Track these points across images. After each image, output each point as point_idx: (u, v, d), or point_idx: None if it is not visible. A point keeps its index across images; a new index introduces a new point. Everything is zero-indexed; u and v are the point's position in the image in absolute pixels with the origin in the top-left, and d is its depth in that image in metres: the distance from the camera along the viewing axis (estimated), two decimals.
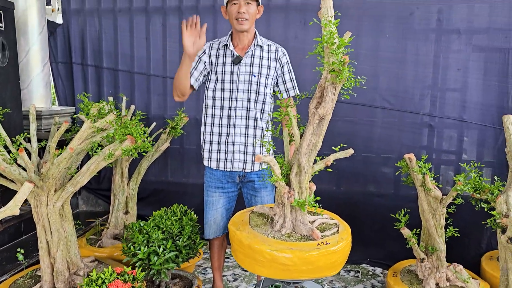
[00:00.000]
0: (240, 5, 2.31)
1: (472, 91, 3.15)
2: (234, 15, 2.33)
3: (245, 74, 2.39)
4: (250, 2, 2.33)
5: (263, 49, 2.44)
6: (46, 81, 3.68)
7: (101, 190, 3.92)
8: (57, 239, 2.32)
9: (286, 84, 2.49)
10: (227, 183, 2.52)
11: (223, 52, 2.44)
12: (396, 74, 3.25)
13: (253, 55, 2.41)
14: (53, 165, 2.17)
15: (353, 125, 3.37)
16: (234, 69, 2.40)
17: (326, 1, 1.66)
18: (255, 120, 2.42)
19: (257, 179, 2.48)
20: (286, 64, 2.48)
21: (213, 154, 2.47)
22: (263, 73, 2.41)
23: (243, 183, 2.54)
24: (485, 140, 3.19)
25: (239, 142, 2.43)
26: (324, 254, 1.78)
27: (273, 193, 2.55)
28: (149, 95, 3.71)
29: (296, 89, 2.52)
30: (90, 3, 3.73)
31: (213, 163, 2.48)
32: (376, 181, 3.41)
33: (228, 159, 2.45)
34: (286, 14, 3.39)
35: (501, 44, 3.05)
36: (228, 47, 2.43)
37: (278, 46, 2.49)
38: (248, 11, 2.33)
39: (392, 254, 3.28)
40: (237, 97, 2.40)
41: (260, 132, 2.45)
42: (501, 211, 2.09)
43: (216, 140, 2.46)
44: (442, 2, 3.11)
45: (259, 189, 2.49)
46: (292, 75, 2.51)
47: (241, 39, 2.42)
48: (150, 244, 2.31)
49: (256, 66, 2.40)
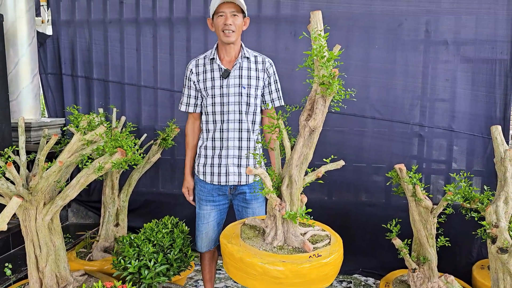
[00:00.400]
0: (226, 17, 2.32)
1: (460, 101, 3.19)
2: (220, 27, 2.34)
3: (235, 87, 2.39)
4: (236, 14, 2.34)
5: (250, 61, 2.44)
6: (35, 92, 3.65)
7: (91, 202, 3.88)
8: (46, 253, 2.29)
9: (272, 94, 2.50)
10: (218, 196, 2.51)
11: (210, 67, 2.43)
12: (386, 85, 3.28)
13: (241, 67, 2.41)
14: (42, 178, 2.14)
15: (343, 135, 3.39)
16: (223, 82, 2.40)
17: (316, 14, 1.68)
18: (248, 132, 2.42)
19: (248, 191, 2.47)
20: (273, 75, 2.49)
21: (207, 168, 2.46)
22: (252, 84, 2.42)
23: (234, 196, 2.53)
24: (474, 149, 3.23)
25: (233, 155, 2.42)
26: (316, 266, 1.78)
27: (264, 205, 2.55)
28: (140, 106, 3.71)
29: (281, 99, 2.53)
30: (80, 14, 3.72)
31: (207, 177, 2.47)
32: (367, 191, 3.42)
33: (222, 173, 2.44)
34: (276, 26, 3.42)
35: (488, 55, 3.10)
36: (214, 61, 2.43)
37: (264, 57, 2.50)
38: (234, 23, 2.33)
39: (385, 264, 3.28)
40: (229, 110, 2.40)
41: (253, 144, 2.45)
42: (491, 221, 2.10)
43: (210, 154, 2.46)
44: (430, 14, 3.16)
45: (250, 201, 2.48)
46: (278, 85, 2.52)
47: (228, 51, 2.42)
48: (140, 257, 2.29)
49: (245, 78, 2.41)
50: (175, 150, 3.66)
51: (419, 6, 3.16)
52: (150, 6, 3.58)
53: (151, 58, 3.65)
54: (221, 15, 2.33)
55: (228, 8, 2.32)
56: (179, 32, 3.55)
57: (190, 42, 3.54)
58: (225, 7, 2.32)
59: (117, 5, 3.64)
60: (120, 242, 2.46)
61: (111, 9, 3.66)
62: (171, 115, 3.59)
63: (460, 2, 3.11)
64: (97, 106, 3.74)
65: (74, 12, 3.74)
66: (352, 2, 3.27)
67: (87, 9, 3.71)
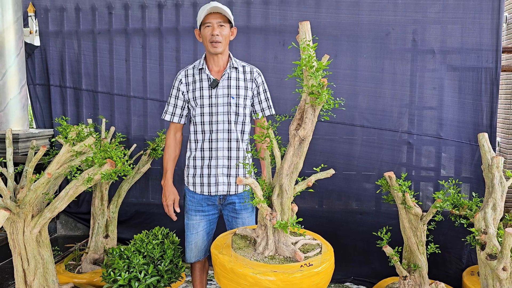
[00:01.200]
0: (213, 28, 2.33)
1: (448, 109, 3.23)
2: (208, 38, 2.35)
3: (224, 97, 2.39)
4: (223, 25, 2.35)
5: (238, 71, 2.45)
6: (23, 103, 3.62)
7: (80, 213, 3.84)
8: (34, 266, 2.25)
9: (262, 104, 2.51)
10: (207, 206, 2.50)
11: (199, 77, 2.44)
12: (375, 93, 3.32)
13: (229, 77, 2.42)
14: (30, 190, 2.12)
15: (333, 144, 3.40)
16: (212, 92, 2.40)
17: (304, 25, 1.69)
18: (237, 142, 2.42)
19: (237, 201, 2.47)
20: (261, 84, 2.50)
21: (197, 178, 2.45)
22: (241, 94, 2.42)
23: (223, 206, 2.52)
24: (462, 156, 3.26)
25: (222, 165, 2.42)
26: (307, 275, 1.77)
27: (254, 215, 2.54)
28: (129, 117, 3.69)
29: (272, 108, 2.54)
30: (69, 25, 3.71)
31: (197, 188, 2.46)
32: (357, 199, 3.44)
33: (212, 183, 2.43)
34: (265, 35, 3.45)
35: (473, 63, 3.16)
36: (203, 71, 2.43)
37: (252, 67, 2.51)
38: (221, 33, 2.34)
39: (376, 272, 3.29)
40: (218, 120, 2.40)
41: (243, 153, 2.45)
42: (480, 228, 2.12)
43: (199, 164, 2.45)
44: (417, 23, 3.22)
45: (240, 210, 2.48)
46: (268, 94, 2.53)
47: (216, 61, 2.43)
48: (131, 269, 2.26)
49: (233, 88, 2.41)
50: None
51: (406, 15, 3.22)
52: (139, 17, 3.59)
53: (141, 68, 3.65)
54: (208, 25, 2.34)
55: (215, 19, 2.33)
56: (168, 42, 3.56)
57: (179, 52, 3.55)
58: (211, 17, 2.33)
59: (105, 15, 3.64)
60: (110, 254, 2.43)
61: (99, 19, 3.66)
62: (161, 125, 3.58)
63: (446, 11, 3.17)
64: (86, 116, 3.72)
65: (63, 22, 3.73)
66: (340, 12, 3.31)
67: (75, 19, 3.70)
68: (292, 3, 3.39)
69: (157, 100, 3.62)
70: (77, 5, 3.68)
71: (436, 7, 3.18)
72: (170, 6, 3.54)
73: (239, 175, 2.43)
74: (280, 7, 3.40)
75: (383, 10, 3.25)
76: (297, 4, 3.38)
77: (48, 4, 3.72)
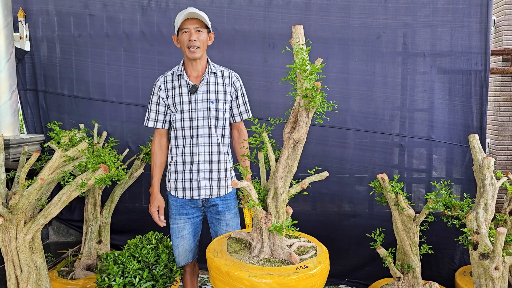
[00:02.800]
0: (190, 33, 2.35)
1: (439, 111, 3.26)
2: (185, 43, 2.36)
3: (203, 102, 2.41)
4: (200, 30, 2.37)
5: (217, 75, 2.47)
6: (14, 108, 3.59)
7: (72, 220, 3.81)
8: (27, 273, 2.23)
9: (240, 107, 2.53)
10: (191, 209, 2.50)
11: (178, 82, 2.45)
12: (366, 96, 3.33)
13: (208, 82, 2.44)
14: (23, 196, 2.10)
15: (325, 147, 3.41)
16: (191, 98, 2.42)
17: (297, 29, 1.71)
18: (218, 146, 2.44)
19: (220, 203, 2.48)
20: (240, 89, 2.52)
21: (179, 183, 2.46)
22: (220, 99, 2.45)
23: (206, 208, 2.52)
24: (453, 157, 3.30)
25: (204, 169, 2.43)
26: (303, 278, 1.78)
27: (238, 216, 2.55)
28: (122, 122, 3.66)
29: (249, 112, 2.56)
30: (61, 29, 3.68)
31: (179, 193, 2.46)
32: (350, 201, 3.45)
33: (194, 187, 2.44)
34: (254, 38, 3.40)
35: (463, 66, 3.20)
36: (182, 77, 2.45)
37: (231, 71, 2.53)
38: (199, 39, 2.36)
39: (370, 273, 3.31)
40: (198, 125, 2.41)
41: (223, 157, 2.46)
42: (472, 228, 2.15)
43: (181, 169, 2.45)
44: (407, 27, 3.24)
45: (223, 212, 2.49)
46: (246, 99, 2.55)
47: (194, 66, 2.45)
48: (125, 274, 2.25)
49: (212, 92, 2.43)
50: None
51: (396, 19, 3.24)
52: (134, 21, 3.56)
53: (137, 74, 3.62)
54: (186, 31, 2.36)
55: (192, 24, 2.35)
56: (166, 47, 3.51)
57: (171, 56, 3.52)
58: (189, 23, 2.35)
59: (101, 20, 3.61)
60: (104, 259, 2.42)
61: (92, 24, 3.63)
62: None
63: (435, 15, 3.20)
64: (77, 122, 3.68)
65: (54, 28, 3.70)
66: (330, 15, 3.31)
67: (67, 24, 3.67)
68: (281, 5, 3.35)
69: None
70: (68, 10, 3.65)
71: (425, 11, 3.21)
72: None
73: (221, 178, 2.45)
74: (268, 9, 3.37)
75: (373, 13, 3.26)
76: (286, 6, 3.35)
77: (38, 9, 3.69)
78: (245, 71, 3.33)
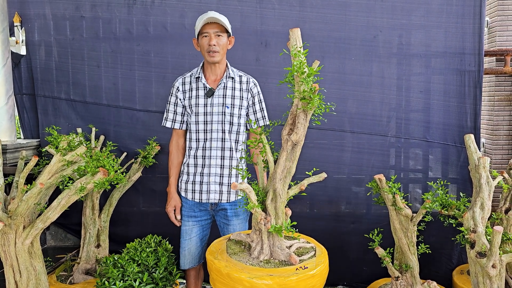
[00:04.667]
0: (210, 38, 2.36)
1: (434, 112, 3.29)
2: (205, 47, 2.38)
3: (219, 106, 2.42)
4: (220, 34, 2.38)
5: (235, 81, 2.48)
6: (10, 113, 3.58)
7: (71, 224, 3.80)
8: (27, 278, 2.23)
9: (257, 114, 2.54)
10: (200, 212, 2.51)
11: (196, 85, 2.47)
12: (363, 97, 3.34)
13: (225, 87, 2.45)
14: (22, 201, 2.10)
15: (321, 149, 3.42)
16: (207, 101, 2.43)
17: (295, 31, 1.73)
18: (231, 151, 2.45)
19: (229, 208, 2.49)
20: (257, 95, 2.53)
21: (189, 185, 2.47)
22: (236, 104, 2.45)
23: (215, 211, 2.53)
24: (449, 158, 3.33)
25: (215, 173, 2.44)
26: (303, 278, 1.80)
27: (246, 222, 2.56)
28: (119, 126, 3.66)
29: (266, 119, 2.57)
30: (58, 33, 3.68)
31: (189, 194, 2.48)
32: (348, 202, 3.46)
33: (204, 191, 2.45)
34: (245, 36, 3.33)
35: (457, 67, 3.23)
36: (200, 79, 2.46)
37: (249, 77, 2.54)
38: (218, 43, 2.37)
39: (368, 274, 3.33)
40: (212, 128, 2.43)
41: (236, 163, 2.47)
42: (469, 227, 2.17)
43: (193, 171, 2.47)
44: (403, 27, 3.24)
45: (231, 217, 2.50)
46: (263, 105, 2.56)
47: (213, 70, 2.46)
48: (125, 278, 2.26)
49: (229, 97, 2.44)
50: (156, 168, 3.62)
51: (393, 18, 3.23)
52: (130, 24, 3.55)
53: (129, 78, 3.62)
54: (206, 35, 2.37)
55: (212, 29, 2.36)
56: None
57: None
58: (209, 27, 2.36)
59: (97, 23, 3.61)
60: (104, 263, 2.42)
61: (88, 27, 3.63)
62: (151, 133, 3.56)
63: (429, 16, 3.22)
64: (73, 126, 3.68)
65: (50, 32, 3.70)
66: (326, 11, 3.26)
67: (62, 28, 3.67)
68: (273, 1, 3.28)
69: (146, 111, 3.58)
70: (63, 13, 3.65)
71: (420, 11, 3.23)
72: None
73: (231, 184, 2.45)
74: (260, 6, 3.30)
75: (369, 11, 3.24)
76: (279, 3, 3.27)
77: (33, 13, 3.69)
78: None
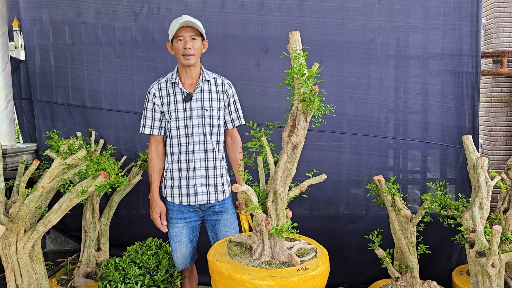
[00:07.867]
0: (185, 41, 2.38)
1: (432, 113, 3.31)
2: (180, 51, 2.40)
3: (198, 109, 2.44)
4: (195, 38, 2.41)
5: (210, 83, 2.51)
6: (10, 118, 3.59)
7: (70, 228, 3.80)
8: (28, 282, 2.24)
9: (232, 114, 2.56)
10: (189, 213, 2.52)
11: (172, 90, 2.48)
12: (361, 99, 3.36)
13: (202, 90, 2.47)
14: (24, 205, 2.11)
15: (320, 151, 3.43)
16: (186, 106, 2.45)
17: (294, 34, 1.74)
18: (213, 152, 2.47)
19: (217, 204, 2.51)
20: (232, 96, 2.56)
21: (175, 190, 2.48)
22: (214, 106, 2.48)
23: (204, 211, 2.55)
24: (447, 159, 3.34)
25: (200, 176, 2.46)
26: (304, 279, 1.80)
27: (235, 218, 2.58)
28: (118, 129, 3.67)
29: (242, 119, 2.59)
30: (57, 38, 3.69)
31: (176, 199, 2.48)
32: (347, 204, 3.48)
33: (191, 193, 2.46)
34: (245, 42, 3.38)
35: (455, 68, 3.25)
36: (176, 84, 2.48)
37: (223, 78, 2.57)
38: (194, 46, 2.39)
39: (369, 275, 3.34)
40: (193, 132, 2.44)
41: (219, 163, 2.49)
42: (468, 227, 2.19)
43: (177, 176, 2.47)
44: (401, 29, 3.27)
45: (220, 212, 2.51)
46: (238, 105, 2.58)
47: (189, 74, 2.48)
48: (127, 280, 2.26)
49: (207, 100, 2.47)
50: None
51: (391, 21, 3.26)
52: (128, 28, 3.58)
53: (128, 81, 3.63)
54: (180, 39, 2.39)
55: (187, 32, 2.38)
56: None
57: (166, 62, 3.54)
58: (184, 31, 2.38)
59: (96, 28, 3.62)
60: (105, 266, 2.43)
61: (87, 33, 3.64)
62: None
63: (427, 18, 3.25)
64: (71, 130, 3.68)
65: (49, 37, 3.71)
66: (324, 17, 3.30)
67: (61, 33, 3.68)
68: (273, 8, 3.32)
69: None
70: (62, 19, 3.66)
71: (417, 14, 3.25)
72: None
73: (218, 184, 2.49)
74: (260, 13, 3.35)
75: (367, 14, 3.27)
76: (278, 9, 3.33)
77: (32, 18, 3.70)
78: (238, 76, 3.35)
